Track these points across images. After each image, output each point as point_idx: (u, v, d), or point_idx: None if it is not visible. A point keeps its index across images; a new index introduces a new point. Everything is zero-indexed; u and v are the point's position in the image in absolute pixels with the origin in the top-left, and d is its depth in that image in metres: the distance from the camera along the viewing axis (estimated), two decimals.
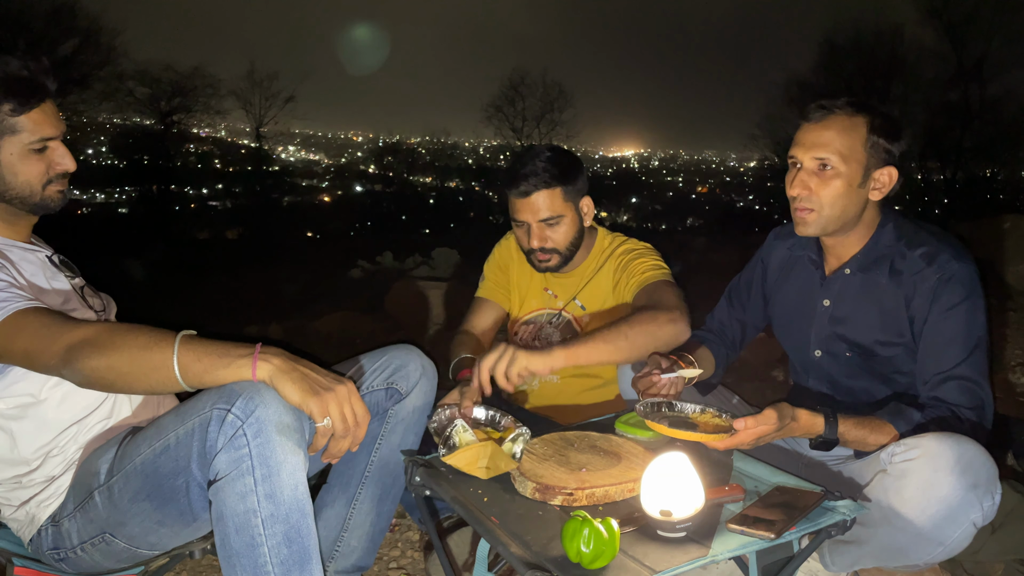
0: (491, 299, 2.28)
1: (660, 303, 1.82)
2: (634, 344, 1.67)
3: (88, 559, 1.39)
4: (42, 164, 1.43)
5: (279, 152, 40.49)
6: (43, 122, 1.41)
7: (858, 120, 1.60)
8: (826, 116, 1.61)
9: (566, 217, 2.02)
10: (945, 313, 1.57)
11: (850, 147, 1.59)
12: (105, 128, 29.15)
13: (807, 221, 1.65)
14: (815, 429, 1.48)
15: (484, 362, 1.55)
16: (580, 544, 1.08)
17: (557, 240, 2.04)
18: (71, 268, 1.58)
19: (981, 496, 1.31)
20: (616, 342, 1.65)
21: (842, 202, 1.61)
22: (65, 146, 1.46)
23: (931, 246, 1.61)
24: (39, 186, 1.44)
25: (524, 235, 2.06)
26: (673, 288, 1.92)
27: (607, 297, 2.11)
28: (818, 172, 1.61)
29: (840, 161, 1.59)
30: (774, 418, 1.39)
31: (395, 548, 2.11)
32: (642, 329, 1.69)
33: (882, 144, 1.60)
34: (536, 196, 1.98)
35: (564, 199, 2.01)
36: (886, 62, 24.21)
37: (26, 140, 1.40)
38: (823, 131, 1.60)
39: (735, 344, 1.99)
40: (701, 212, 40.68)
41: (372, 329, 5.28)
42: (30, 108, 1.39)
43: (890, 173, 1.62)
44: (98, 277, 1.66)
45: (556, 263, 2.08)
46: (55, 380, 1.37)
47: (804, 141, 1.63)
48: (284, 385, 1.20)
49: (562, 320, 2.17)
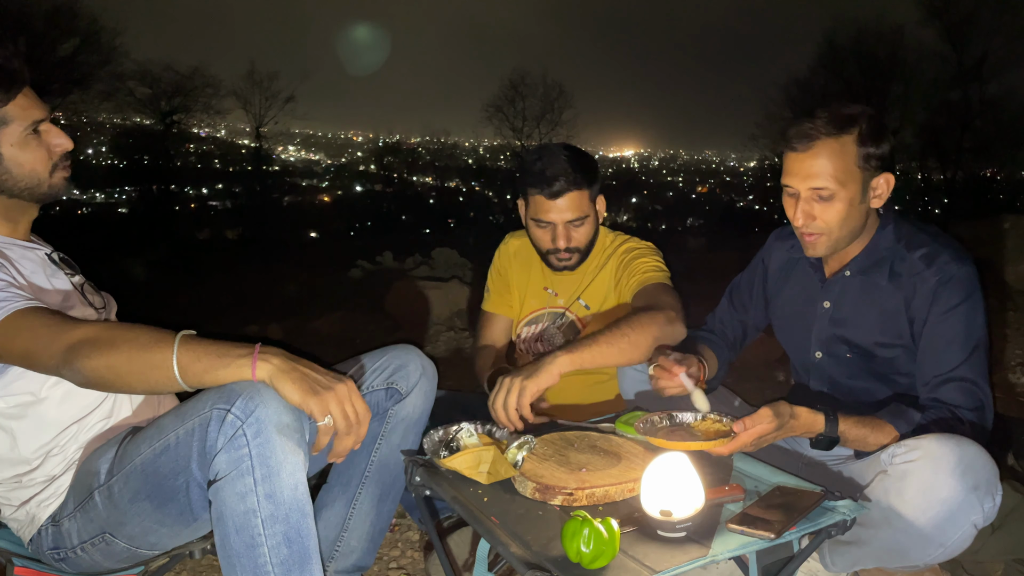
0: (497, 313, 2.30)
1: (658, 304, 1.82)
2: (636, 345, 1.68)
3: (88, 559, 1.39)
4: (42, 149, 1.43)
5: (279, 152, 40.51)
6: (29, 106, 1.41)
7: (845, 139, 1.56)
8: (812, 143, 1.57)
9: (589, 217, 2.05)
10: (944, 315, 1.56)
11: (845, 170, 1.57)
12: (105, 128, 29.16)
13: (817, 244, 1.64)
14: (815, 427, 1.48)
15: (496, 405, 1.54)
16: (580, 544, 1.08)
17: (580, 240, 2.06)
18: (71, 266, 1.58)
19: (982, 498, 1.31)
20: (619, 344, 1.66)
21: (848, 222, 1.61)
22: (56, 127, 1.46)
23: (930, 248, 1.61)
24: (46, 173, 1.44)
25: (547, 235, 2.06)
26: (671, 291, 1.93)
27: (608, 294, 2.12)
28: (818, 200, 1.60)
29: (838, 186, 1.57)
30: (770, 416, 1.39)
31: (395, 548, 2.11)
32: (643, 330, 1.70)
33: (873, 153, 1.58)
34: (566, 197, 1.99)
35: (589, 199, 2.04)
36: (886, 62, 24.22)
37: (19, 128, 1.39)
38: (814, 160, 1.57)
39: (736, 344, 2.00)
40: (701, 212, 40.73)
41: (372, 329, 5.29)
42: (13, 96, 1.38)
43: (887, 179, 1.61)
44: (98, 277, 1.65)
45: (575, 262, 2.10)
46: (55, 379, 1.37)
47: (797, 171, 1.60)
48: (284, 385, 1.20)
49: (565, 320, 2.18)
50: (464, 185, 39.61)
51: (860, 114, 1.58)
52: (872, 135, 1.58)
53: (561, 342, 2.16)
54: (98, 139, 30.46)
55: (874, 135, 1.58)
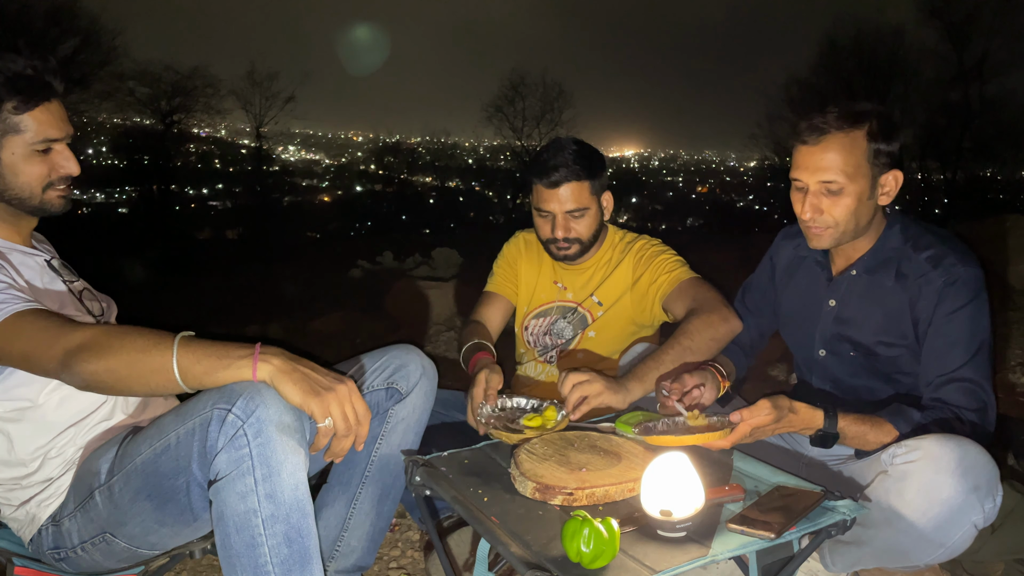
0: (499, 293, 2.31)
1: (704, 304, 1.88)
2: (697, 352, 1.79)
3: (88, 559, 1.39)
4: (44, 166, 1.42)
5: (279, 152, 40.47)
6: (47, 122, 1.40)
7: (856, 134, 1.57)
8: (823, 137, 1.57)
9: (590, 210, 2.07)
10: (949, 316, 1.56)
11: (855, 164, 1.57)
12: (105, 128, 29.12)
13: (823, 237, 1.65)
14: (814, 423, 1.48)
15: (577, 388, 1.64)
16: (580, 544, 1.08)
17: (580, 231, 2.08)
18: (71, 272, 1.57)
19: (982, 498, 1.31)
20: (683, 356, 1.77)
21: (855, 217, 1.61)
22: (71, 150, 1.45)
23: (937, 249, 1.61)
24: (39, 188, 1.42)
25: (547, 224, 2.09)
26: (706, 285, 1.98)
27: (624, 292, 2.13)
28: (826, 194, 1.60)
29: (847, 180, 1.57)
30: (768, 408, 1.40)
31: (395, 548, 2.11)
32: (702, 337, 1.80)
33: (884, 149, 1.58)
34: (565, 187, 2.03)
35: (591, 192, 2.06)
36: (886, 62, 24.20)
37: (29, 140, 1.38)
38: (824, 153, 1.57)
39: (751, 350, 1.99)
40: (701, 212, 40.71)
41: (372, 329, 5.28)
42: (34, 106, 1.38)
43: (895, 176, 1.61)
44: (98, 277, 1.65)
45: (575, 252, 2.12)
46: (54, 383, 1.36)
47: (806, 165, 1.60)
48: (285, 386, 1.20)
49: (577, 316, 2.19)
50: (464, 185, 39.61)
51: (871, 110, 1.59)
52: (883, 131, 1.58)
53: (571, 336, 2.18)
54: (98, 139, 30.44)
55: (885, 132, 1.58)
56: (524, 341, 2.29)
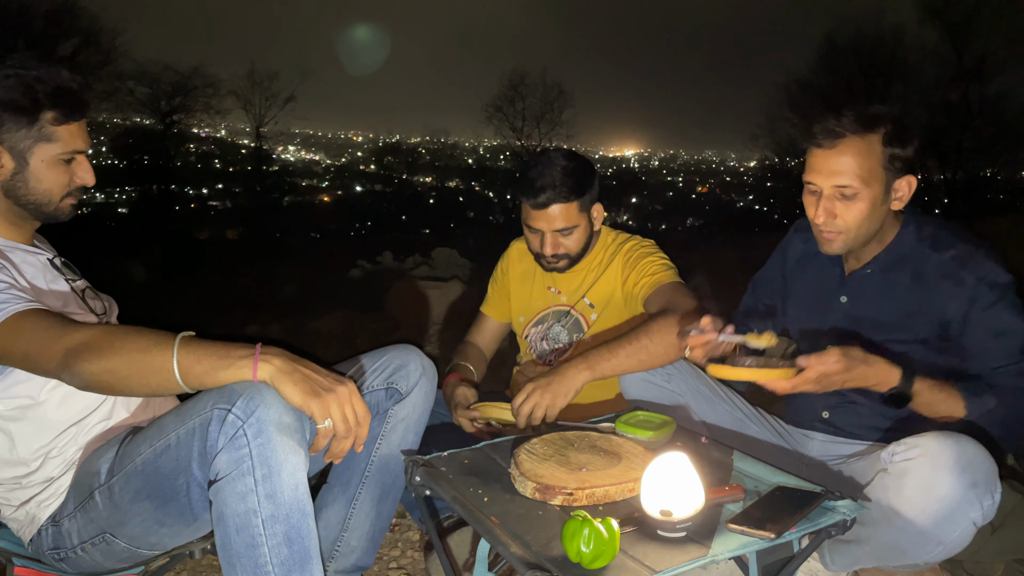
0: (489, 315, 2.37)
1: (673, 307, 1.84)
2: (654, 354, 1.74)
3: (88, 559, 1.39)
4: (66, 175, 1.46)
5: (279, 152, 40.49)
6: (77, 136, 1.45)
7: (872, 138, 1.56)
8: (838, 141, 1.56)
9: (579, 227, 2.06)
10: (987, 310, 1.55)
11: (869, 169, 1.56)
12: (105, 128, 29.12)
13: (834, 242, 1.64)
14: (890, 379, 1.47)
15: (521, 412, 1.67)
16: (580, 544, 1.08)
17: (569, 247, 2.07)
18: (73, 270, 1.58)
19: (981, 495, 1.32)
20: (638, 355, 1.72)
21: (868, 222, 1.60)
22: (88, 162, 1.49)
23: (961, 248, 1.60)
24: (58, 196, 1.47)
25: (536, 239, 2.09)
26: (684, 290, 1.94)
27: (615, 293, 2.13)
28: (840, 198, 1.59)
29: (862, 185, 1.56)
30: (838, 356, 1.39)
31: (395, 548, 2.11)
32: (660, 338, 1.74)
33: (899, 154, 1.57)
34: (553, 208, 2.00)
35: (579, 210, 2.04)
36: (886, 62, 24.19)
37: (58, 151, 1.43)
38: (839, 157, 1.56)
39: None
40: (701, 212, 40.72)
41: (372, 329, 5.28)
42: (71, 121, 1.43)
43: (909, 182, 1.61)
44: (98, 277, 1.66)
45: (564, 265, 2.12)
46: (55, 382, 1.37)
47: (821, 168, 1.59)
48: (285, 386, 1.20)
49: (570, 319, 2.19)
50: (464, 185, 39.62)
51: (886, 114, 1.58)
52: (898, 136, 1.57)
53: (566, 340, 2.18)
54: (98, 139, 30.43)
55: (900, 136, 1.57)
56: (527, 348, 2.30)
